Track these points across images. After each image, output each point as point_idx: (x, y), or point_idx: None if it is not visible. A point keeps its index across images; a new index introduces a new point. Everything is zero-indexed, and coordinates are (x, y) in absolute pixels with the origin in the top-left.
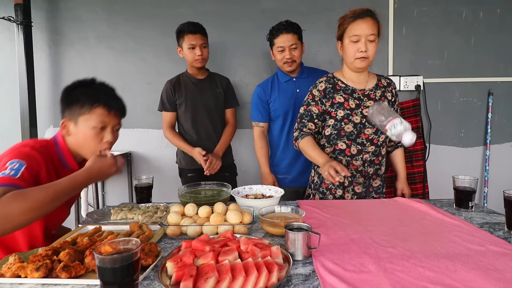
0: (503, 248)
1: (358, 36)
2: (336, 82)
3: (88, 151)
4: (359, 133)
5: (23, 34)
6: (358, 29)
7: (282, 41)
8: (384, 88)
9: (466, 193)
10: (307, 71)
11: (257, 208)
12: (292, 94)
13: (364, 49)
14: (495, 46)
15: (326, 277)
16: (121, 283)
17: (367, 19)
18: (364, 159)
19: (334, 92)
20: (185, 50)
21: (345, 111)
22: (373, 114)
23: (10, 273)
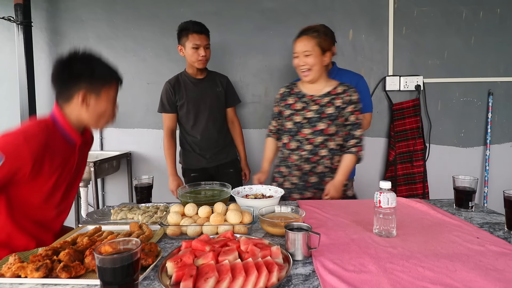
0: (503, 248)
1: (297, 53)
2: (293, 88)
3: (103, 121)
4: (298, 131)
5: (23, 34)
6: (296, 48)
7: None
8: (336, 95)
9: (466, 193)
10: (337, 72)
11: (257, 208)
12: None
13: (301, 63)
14: (495, 46)
15: (326, 277)
16: (121, 283)
17: (302, 38)
18: (301, 155)
19: (288, 96)
20: (187, 50)
21: (291, 111)
22: None
23: (10, 273)
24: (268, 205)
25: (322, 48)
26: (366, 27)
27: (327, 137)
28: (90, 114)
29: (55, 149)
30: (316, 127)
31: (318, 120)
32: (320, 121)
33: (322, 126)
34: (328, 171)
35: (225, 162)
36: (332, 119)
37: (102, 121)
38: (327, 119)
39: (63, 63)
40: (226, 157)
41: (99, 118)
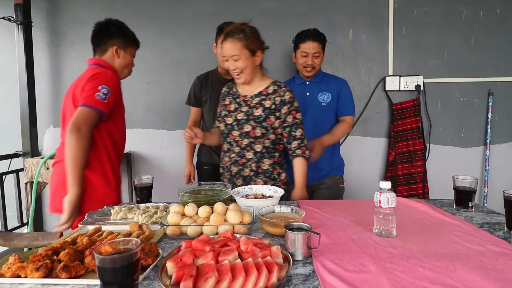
0: (503, 248)
1: (225, 57)
2: (232, 88)
3: (126, 72)
4: (229, 133)
5: (23, 34)
6: (224, 51)
7: (307, 48)
8: (266, 95)
9: (466, 193)
10: (322, 77)
11: (257, 208)
12: (301, 97)
13: (232, 67)
14: (495, 46)
15: (326, 277)
16: (121, 283)
17: (228, 41)
18: (231, 157)
19: (227, 96)
20: (219, 48)
21: (225, 112)
22: None
23: (10, 273)
24: (268, 205)
25: (250, 50)
26: (366, 27)
27: (252, 140)
28: (119, 64)
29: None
30: (243, 129)
31: (245, 122)
32: (247, 123)
33: (248, 128)
34: (253, 175)
35: None
36: (258, 122)
37: (125, 72)
38: (253, 121)
39: (102, 24)
40: None
41: (123, 68)
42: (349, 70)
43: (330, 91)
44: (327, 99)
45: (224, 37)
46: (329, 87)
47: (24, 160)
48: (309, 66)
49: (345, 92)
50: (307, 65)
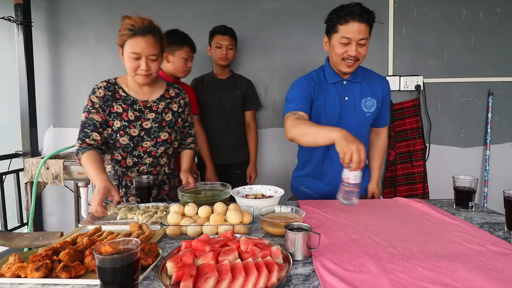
0: (503, 248)
1: (138, 54)
2: (117, 90)
3: (180, 72)
4: (136, 146)
5: (23, 34)
6: (137, 48)
7: (352, 31)
8: (170, 99)
9: (466, 193)
10: (361, 74)
11: (257, 208)
12: (339, 102)
13: (145, 68)
14: (495, 46)
15: (326, 277)
16: (121, 283)
17: (149, 37)
18: (141, 171)
19: (113, 101)
20: (213, 49)
21: (122, 122)
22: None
23: (10, 273)
24: (268, 205)
25: (163, 51)
26: None
27: (168, 146)
28: (171, 67)
29: None
30: (159, 138)
31: (160, 130)
32: (162, 130)
33: (165, 136)
34: (166, 178)
35: (233, 163)
36: (171, 127)
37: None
38: (167, 127)
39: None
40: (235, 158)
41: (175, 70)
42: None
43: (375, 96)
44: (372, 107)
45: (143, 32)
46: (374, 91)
47: (24, 160)
48: (352, 58)
49: (389, 98)
50: (349, 57)
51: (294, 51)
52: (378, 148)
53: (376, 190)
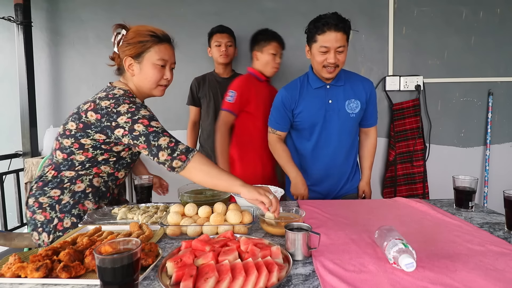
0: (503, 248)
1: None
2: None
3: (268, 68)
4: (133, 161)
5: (23, 34)
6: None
7: (329, 40)
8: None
9: (466, 193)
10: (344, 77)
11: (257, 208)
12: (322, 105)
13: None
14: (495, 46)
15: (326, 277)
16: (121, 283)
17: (171, 45)
18: (119, 185)
19: (124, 113)
20: (212, 48)
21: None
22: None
23: (10, 273)
24: None
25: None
26: (366, 27)
27: None
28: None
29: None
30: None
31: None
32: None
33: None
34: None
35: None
36: None
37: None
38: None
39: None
40: None
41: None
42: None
43: (358, 97)
44: (356, 108)
45: (167, 39)
46: (357, 92)
47: (24, 160)
48: (331, 65)
49: (374, 98)
50: (329, 64)
51: (294, 51)
52: (367, 148)
53: (366, 189)
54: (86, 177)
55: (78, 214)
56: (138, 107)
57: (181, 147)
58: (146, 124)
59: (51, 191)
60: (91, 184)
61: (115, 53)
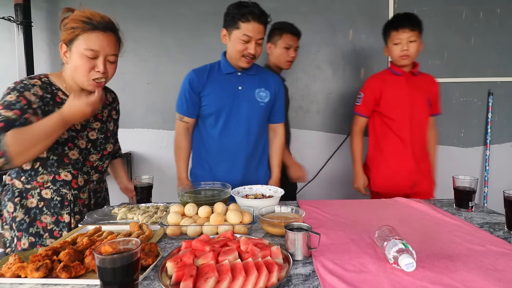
0: (503, 248)
1: (97, 52)
2: (55, 92)
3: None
4: (85, 161)
5: (23, 34)
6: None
7: (253, 30)
8: (111, 105)
9: (466, 193)
10: (256, 68)
11: (257, 208)
12: (232, 91)
13: (102, 70)
14: (495, 46)
15: (326, 277)
16: (121, 283)
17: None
18: (89, 190)
19: (54, 105)
20: (278, 48)
21: (70, 133)
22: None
23: (10, 273)
24: (268, 205)
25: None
26: (366, 27)
27: (110, 158)
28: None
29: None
30: (105, 151)
31: (106, 142)
32: (107, 142)
33: (110, 147)
34: (107, 195)
35: None
36: (114, 137)
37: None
38: (111, 138)
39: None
40: None
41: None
42: (349, 70)
43: (268, 88)
44: (266, 97)
45: (103, 28)
46: (267, 83)
47: None
48: (251, 55)
49: (282, 95)
50: (249, 54)
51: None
52: (275, 146)
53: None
54: (34, 191)
55: (37, 232)
56: (18, 91)
57: None
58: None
59: (7, 205)
60: (42, 197)
61: None
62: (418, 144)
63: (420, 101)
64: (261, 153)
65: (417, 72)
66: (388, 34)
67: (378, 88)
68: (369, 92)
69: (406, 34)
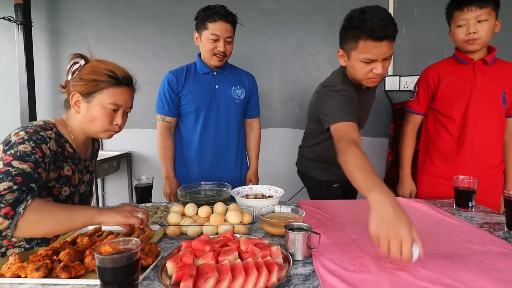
0: (503, 248)
1: None
2: (64, 145)
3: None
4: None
5: (23, 34)
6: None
7: (219, 29)
8: (96, 154)
9: (466, 193)
10: (230, 68)
11: (257, 208)
12: (209, 89)
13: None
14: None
15: (326, 277)
16: (121, 283)
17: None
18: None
19: (63, 161)
20: (353, 61)
21: (71, 189)
22: None
23: (10, 273)
24: (268, 205)
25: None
26: None
27: None
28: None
29: None
30: (88, 204)
31: (90, 194)
32: (91, 193)
33: (91, 199)
34: None
35: None
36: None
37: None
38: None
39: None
40: None
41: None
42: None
43: (243, 85)
44: (241, 94)
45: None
46: (241, 81)
47: None
48: (221, 53)
49: (256, 91)
50: (219, 52)
51: (294, 51)
52: (253, 139)
53: (253, 178)
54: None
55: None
56: (34, 142)
57: (9, 197)
58: (7, 162)
59: None
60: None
61: (67, 82)
62: (482, 149)
63: (490, 96)
64: (241, 147)
65: (491, 60)
66: (451, 14)
67: (434, 80)
68: (424, 84)
69: (473, 13)
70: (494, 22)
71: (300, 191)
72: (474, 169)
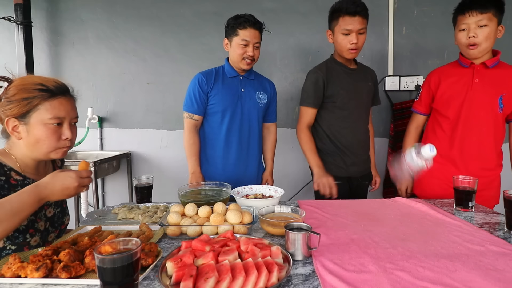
0: (503, 248)
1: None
2: (9, 174)
3: None
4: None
5: (23, 34)
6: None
7: (249, 35)
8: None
9: (466, 193)
10: (255, 74)
11: (257, 208)
12: (236, 92)
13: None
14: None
15: (326, 277)
16: (121, 283)
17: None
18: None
19: (9, 189)
20: (336, 36)
21: (30, 217)
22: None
23: (10, 273)
24: (268, 205)
25: None
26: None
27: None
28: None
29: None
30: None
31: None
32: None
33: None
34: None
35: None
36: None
37: None
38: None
39: None
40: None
41: None
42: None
43: (265, 91)
44: (264, 99)
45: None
46: (264, 87)
47: None
48: (250, 57)
49: (275, 98)
50: (248, 56)
51: (294, 51)
52: (270, 141)
53: (269, 178)
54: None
55: None
56: None
57: None
58: None
59: None
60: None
61: None
62: (473, 150)
63: (485, 99)
64: (260, 148)
65: (492, 64)
66: (455, 19)
67: (435, 82)
68: (427, 86)
69: (474, 18)
70: (496, 28)
71: (300, 191)
72: (465, 169)
